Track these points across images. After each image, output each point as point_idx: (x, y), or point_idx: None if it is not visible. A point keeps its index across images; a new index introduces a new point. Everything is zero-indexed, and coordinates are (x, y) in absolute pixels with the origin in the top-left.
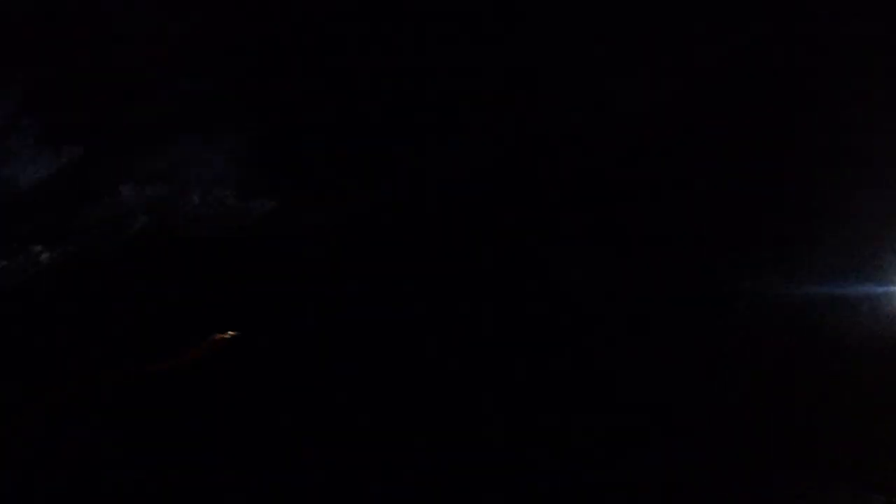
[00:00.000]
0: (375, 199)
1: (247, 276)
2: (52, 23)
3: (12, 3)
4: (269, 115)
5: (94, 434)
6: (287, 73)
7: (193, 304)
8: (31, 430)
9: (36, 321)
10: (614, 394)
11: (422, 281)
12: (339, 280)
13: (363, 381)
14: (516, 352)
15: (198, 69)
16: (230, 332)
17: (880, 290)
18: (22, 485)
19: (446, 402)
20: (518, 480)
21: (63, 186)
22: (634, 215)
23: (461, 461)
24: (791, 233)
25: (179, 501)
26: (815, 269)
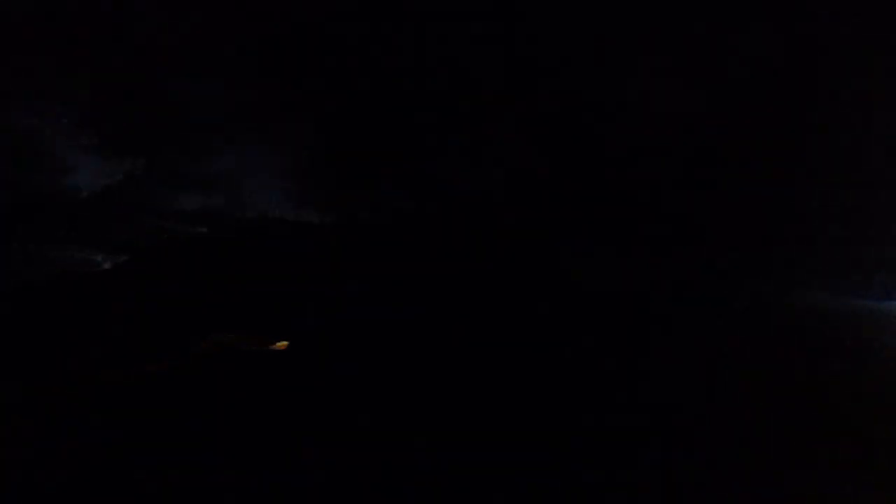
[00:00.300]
0: (421, 207)
1: (299, 283)
2: (112, 38)
3: (71, 19)
4: (325, 127)
5: (94, 434)
6: (339, 84)
7: (246, 309)
8: (31, 430)
9: (91, 323)
10: (615, 394)
11: (459, 282)
12: (385, 284)
13: (399, 379)
14: (535, 350)
15: (256, 82)
16: (282, 343)
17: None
18: (22, 485)
19: (466, 399)
20: (519, 480)
21: (122, 195)
22: (656, 216)
23: (465, 461)
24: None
25: (179, 501)
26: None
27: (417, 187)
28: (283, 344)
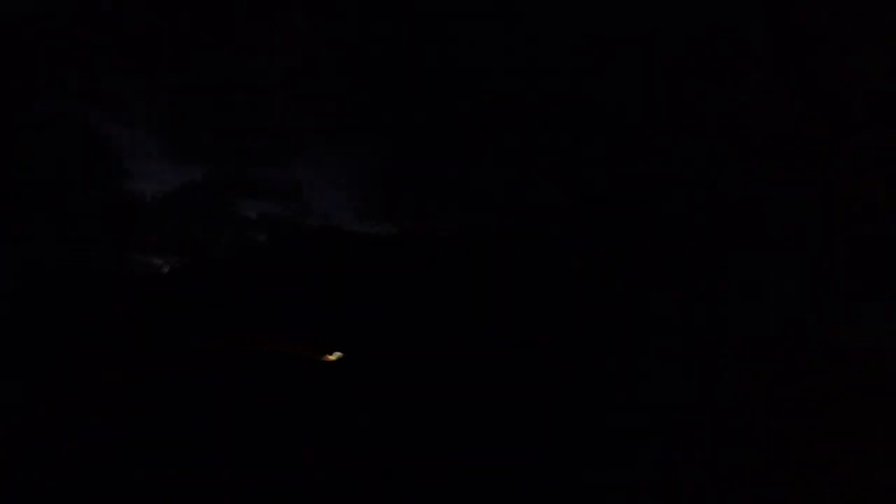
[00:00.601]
0: (492, 219)
1: (358, 293)
2: (178, 46)
3: (137, 28)
4: (391, 139)
5: (94, 434)
6: (408, 98)
7: (302, 317)
8: (31, 430)
9: (147, 323)
10: (617, 394)
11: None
12: (445, 296)
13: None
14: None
15: (322, 92)
16: (336, 354)
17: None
18: (22, 485)
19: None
20: (519, 480)
21: (185, 202)
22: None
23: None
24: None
25: (180, 501)
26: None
27: (479, 200)
28: (336, 355)
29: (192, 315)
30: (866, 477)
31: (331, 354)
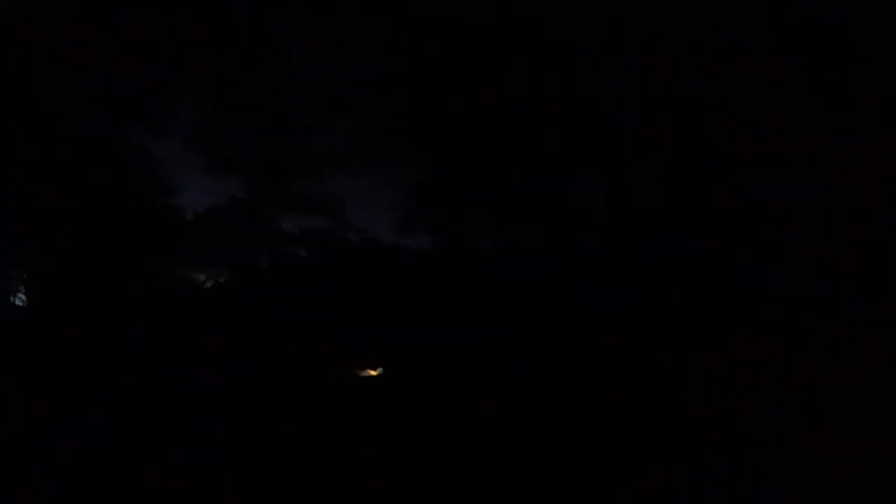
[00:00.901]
0: (529, 234)
1: (399, 308)
2: (220, 62)
3: (177, 46)
4: (430, 153)
5: (94, 435)
6: (447, 109)
7: (342, 332)
8: (31, 430)
9: (191, 339)
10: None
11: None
12: (488, 311)
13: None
14: None
15: (360, 104)
16: (375, 370)
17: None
18: (22, 485)
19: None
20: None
21: (227, 217)
22: None
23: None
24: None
25: (179, 501)
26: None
27: (522, 212)
28: (376, 370)
29: (234, 329)
30: (866, 477)
31: (372, 369)
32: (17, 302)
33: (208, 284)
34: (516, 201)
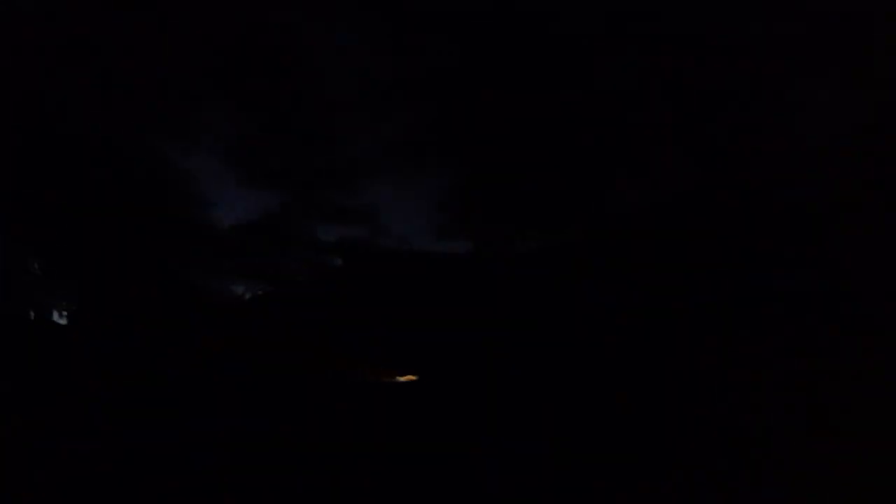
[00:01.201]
0: (565, 238)
1: (435, 314)
2: (252, 76)
3: (215, 58)
4: (465, 160)
5: (94, 435)
6: (481, 118)
7: (377, 339)
8: (31, 430)
9: (232, 350)
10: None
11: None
12: (526, 316)
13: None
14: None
15: (393, 112)
16: (409, 376)
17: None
18: (22, 485)
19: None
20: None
21: (263, 228)
22: None
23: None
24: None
25: (179, 501)
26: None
27: (560, 218)
28: (409, 377)
29: (273, 339)
30: (866, 477)
31: (409, 375)
32: (59, 319)
33: (247, 296)
34: (547, 205)
